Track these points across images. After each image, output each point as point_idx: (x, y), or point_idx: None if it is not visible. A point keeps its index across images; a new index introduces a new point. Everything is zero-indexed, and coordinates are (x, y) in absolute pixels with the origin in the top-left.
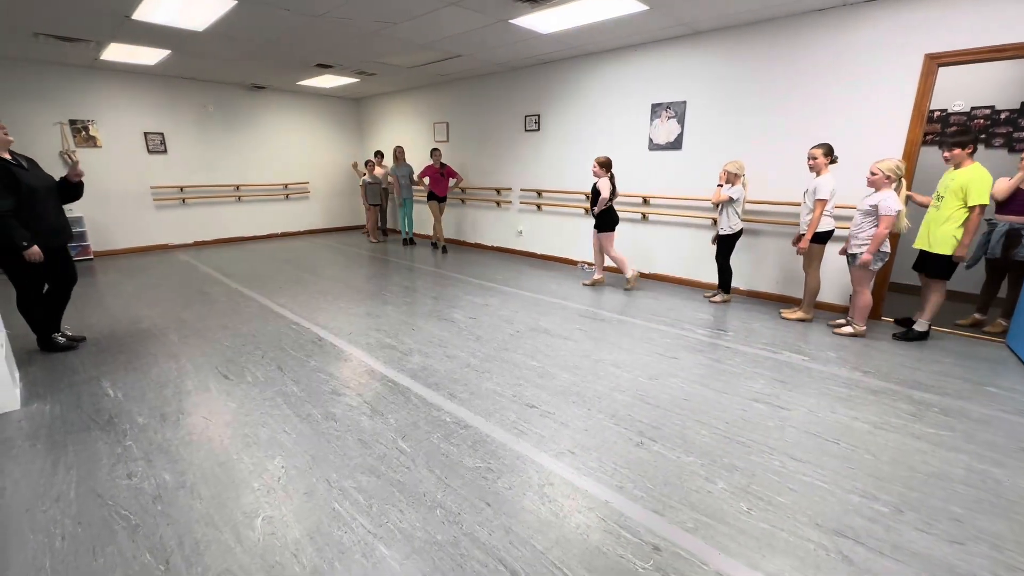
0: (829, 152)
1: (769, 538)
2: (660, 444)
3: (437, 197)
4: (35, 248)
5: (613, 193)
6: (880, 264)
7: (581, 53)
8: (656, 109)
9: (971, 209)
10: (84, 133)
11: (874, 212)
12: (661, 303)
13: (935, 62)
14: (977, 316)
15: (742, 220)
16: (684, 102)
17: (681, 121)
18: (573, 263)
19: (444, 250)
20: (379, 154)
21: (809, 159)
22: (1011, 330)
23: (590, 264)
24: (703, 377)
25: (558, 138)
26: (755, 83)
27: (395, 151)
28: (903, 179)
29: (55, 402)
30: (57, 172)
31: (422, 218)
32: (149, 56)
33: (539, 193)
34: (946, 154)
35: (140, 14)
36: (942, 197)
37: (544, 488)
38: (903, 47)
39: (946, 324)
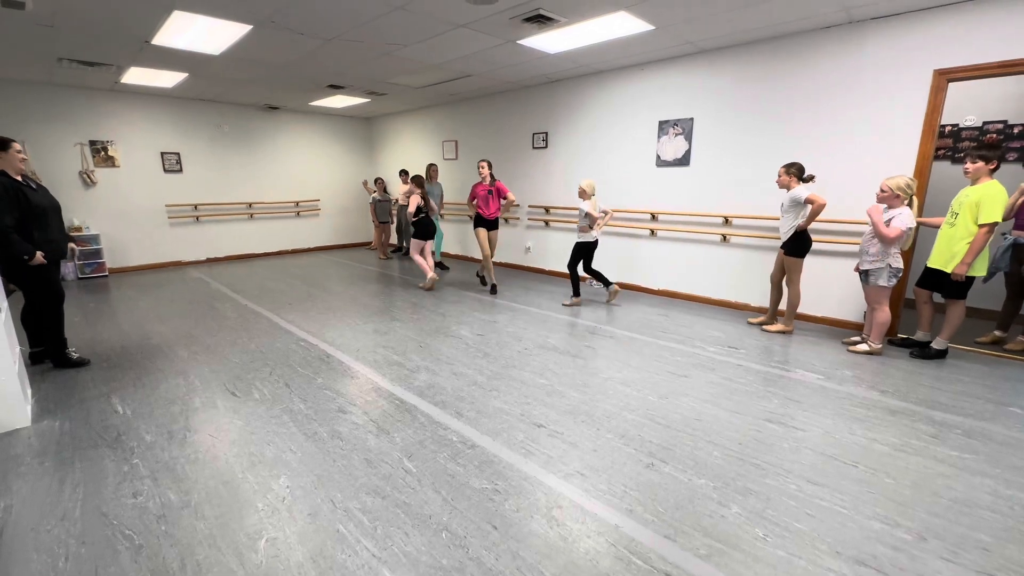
0: (799, 171)
1: (787, 566)
2: (671, 466)
3: (485, 221)
4: (38, 254)
5: (424, 206)
6: (894, 280)
7: (589, 71)
8: (664, 126)
9: (981, 226)
10: (103, 153)
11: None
12: (671, 320)
13: (944, 78)
14: (997, 333)
15: (590, 230)
16: (691, 119)
17: (689, 138)
18: (582, 279)
19: (494, 290)
20: (404, 172)
21: (777, 177)
22: None
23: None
24: (715, 396)
25: (566, 155)
26: (762, 100)
27: (428, 169)
28: (915, 197)
29: (65, 419)
30: (77, 190)
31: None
32: (167, 79)
33: (547, 210)
34: (967, 166)
35: (159, 39)
36: (956, 214)
37: (552, 511)
38: (911, 63)
39: (965, 342)
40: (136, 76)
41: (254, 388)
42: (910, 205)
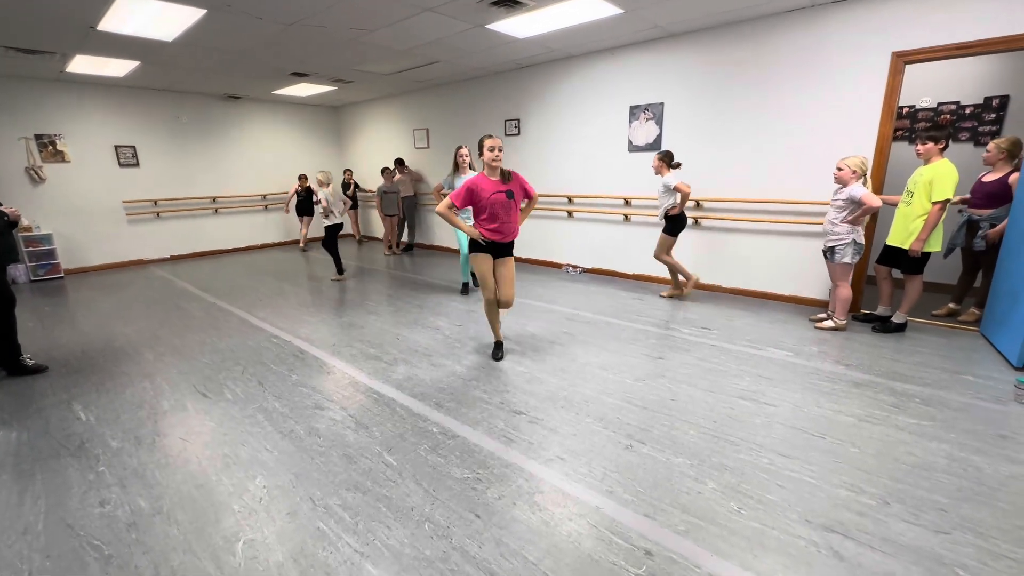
0: (668, 159)
1: (760, 537)
2: (649, 446)
3: (495, 246)
4: None
5: (306, 193)
6: (857, 257)
7: (559, 56)
8: (635, 111)
9: (934, 204)
10: (51, 148)
11: (848, 204)
12: (646, 303)
13: (902, 60)
14: (952, 306)
15: (339, 215)
16: (661, 103)
17: (659, 122)
18: (558, 266)
19: (499, 350)
20: (399, 162)
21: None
22: (984, 318)
23: (575, 267)
24: (690, 376)
25: (539, 142)
26: (729, 83)
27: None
28: (867, 176)
29: (22, 428)
30: (24, 187)
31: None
32: (117, 68)
33: None
34: (918, 147)
35: (106, 25)
36: (912, 193)
37: (534, 496)
38: (871, 46)
39: (923, 315)
40: (83, 65)
41: (226, 388)
42: (864, 184)
